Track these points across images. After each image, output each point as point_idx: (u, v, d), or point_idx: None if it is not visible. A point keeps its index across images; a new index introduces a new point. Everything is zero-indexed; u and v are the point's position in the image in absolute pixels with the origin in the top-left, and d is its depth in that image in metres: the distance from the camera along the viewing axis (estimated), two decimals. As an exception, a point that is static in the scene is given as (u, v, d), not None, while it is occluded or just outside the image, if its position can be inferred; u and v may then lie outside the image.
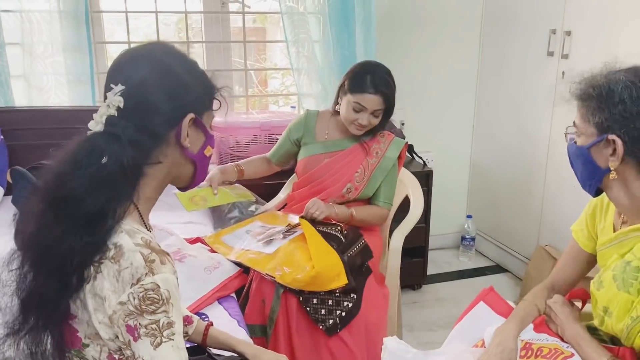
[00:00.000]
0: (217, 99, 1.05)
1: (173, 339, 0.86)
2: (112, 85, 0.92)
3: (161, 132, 0.95)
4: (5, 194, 2.29)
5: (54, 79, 2.45)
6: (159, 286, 0.86)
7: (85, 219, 0.86)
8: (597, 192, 1.26)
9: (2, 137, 2.33)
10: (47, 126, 2.30)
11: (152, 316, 0.85)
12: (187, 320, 1.28)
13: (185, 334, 1.26)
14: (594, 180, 1.23)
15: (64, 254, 0.85)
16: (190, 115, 0.97)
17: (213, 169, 2.07)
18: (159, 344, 0.85)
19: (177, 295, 0.89)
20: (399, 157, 2.07)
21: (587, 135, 1.20)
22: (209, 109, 1.03)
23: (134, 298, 0.84)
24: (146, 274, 0.85)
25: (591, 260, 1.42)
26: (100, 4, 2.61)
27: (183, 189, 1.09)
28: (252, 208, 2.19)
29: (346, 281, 1.70)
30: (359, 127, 1.98)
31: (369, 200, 2.09)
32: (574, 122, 1.26)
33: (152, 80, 0.94)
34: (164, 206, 2.19)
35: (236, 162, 2.18)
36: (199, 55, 2.90)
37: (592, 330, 1.38)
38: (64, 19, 2.36)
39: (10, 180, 2.19)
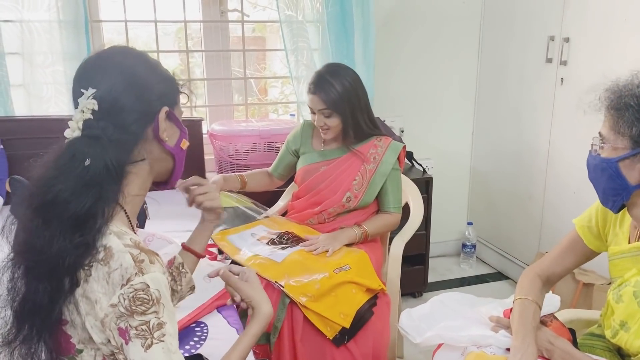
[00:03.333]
0: (184, 92, 1.08)
1: (164, 341, 0.86)
2: (82, 90, 0.93)
3: (139, 129, 0.97)
4: (5, 203, 2.28)
5: (54, 88, 2.45)
6: (148, 286, 0.86)
7: (73, 220, 0.87)
8: (620, 208, 1.22)
9: (1, 146, 2.33)
10: (46, 135, 2.27)
11: (142, 317, 0.85)
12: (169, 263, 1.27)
13: (181, 265, 1.28)
14: (619, 196, 1.17)
15: (55, 256, 0.86)
16: (165, 109, 1.00)
17: (216, 176, 2.08)
18: (150, 346, 0.84)
19: (167, 295, 0.89)
20: (399, 161, 2.05)
21: (617, 148, 1.14)
22: (177, 103, 1.06)
23: (125, 299, 0.84)
24: (136, 274, 0.85)
25: (590, 256, 1.41)
26: (100, 14, 2.62)
27: (163, 184, 1.10)
28: (255, 213, 2.18)
29: (347, 326, 1.71)
30: (320, 129, 2.00)
31: (371, 207, 2.08)
32: (599, 133, 1.19)
33: (121, 81, 0.95)
34: (163, 214, 2.22)
35: (239, 173, 2.17)
36: (198, 65, 2.91)
37: (597, 337, 1.37)
38: (64, 29, 2.37)
39: (9, 190, 2.19)
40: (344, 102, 1.92)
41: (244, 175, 2.15)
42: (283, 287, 1.69)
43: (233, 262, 1.82)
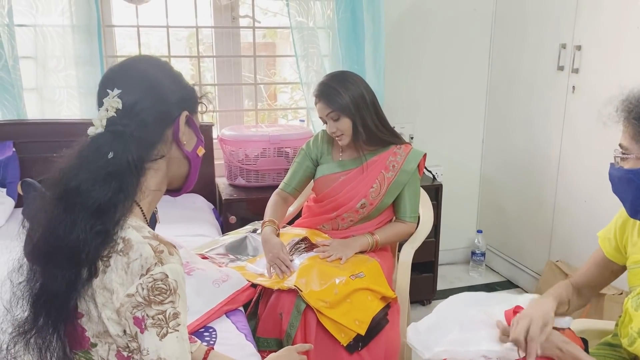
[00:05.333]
0: (203, 103, 1.12)
1: (178, 330, 0.88)
2: (108, 91, 0.97)
3: (159, 130, 1.01)
4: (17, 206, 2.30)
5: (66, 92, 2.48)
6: (167, 276, 0.88)
7: (95, 209, 0.90)
8: None
9: (14, 149, 2.35)
10: (58, 139, 2.28)
11: (160, 306, 0.87)
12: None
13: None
14: None
15: (75, 243, 0.88)
16: (185, 113, 1.05)
17: (270, 254, 1.85)
18: (165, 335, 0.87)
19: (184, 286, 0.91)
20: (419, 168, 2.02)
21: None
22: (196, 112, 1.10)
23: (143, 289, 0.87)
24: (155, 264, 0.88)
25: (616, 270, 1.39)
26: (113, 19, 2.64)
27: (176, 191, 1.12)
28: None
29: (362, 333, 1.70)
30: (334, 136, 1.97)
31: (385, 218, 2.06)
32: (620, 145, 1.19)
33: (145, 84, 1.01)
34: (173, 219, 2.23)
35: (269, 222, 1.98)
36: (209, 70, 2.92)
37: (611, 347, 1.35)
38: (77, 33, 2.39)
39: (20, 192, 2.20)
40: (348, 101, 1.91)
41: (276, 221, 2.00)
42: (301, 291, 1.69)
43: (252, 285, 1.81)
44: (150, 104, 0.99)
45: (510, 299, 1.46)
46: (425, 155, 2.04)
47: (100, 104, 0.99)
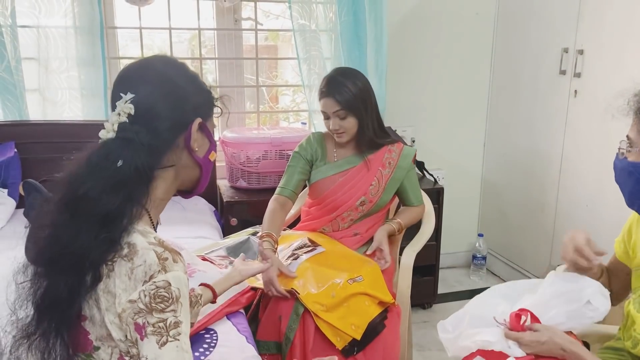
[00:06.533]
0: (218, 106, 1.10)
1: (179, 339, 0.88)
2: (121, 94, 0.95)
3: (171, 137, 0.99)
4: (18, 207, 2.30)
5: (68, 93, 2.48)
6: (170, 284, 0.88)
7: (101, 217, 0.89)
8: None
9: (15, 150, 2.35)
10: (60, 140, 2.32)
11: (161, 314, 0.87)
12: (190, 292, 1.32)
13: (199, 296, 1.35)
14: None
15: (79, 250, 0.87)
16: (199, 120, 1.02)
17: (266, 274, 1.74)
18: (165, 343, 0.86)
19: (186, 294, 0.91)
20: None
21: None
22: (210, 116, 1.08)
23: (145, 296, 0.86)
24: (159, 271, 0.87)
25: (630, 272, 1.39)
26: (115, 20, 2.64)
27: (188, 193, 1.11)
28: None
29: (358, 338, 1.70)
30: (335, 133, 1.96)
31: (386, 208, 2.08)
32: (627, 136, 1.22)
33: (160, 89, 0.98)
34: (174, 220, 2.22)
35: (266, 236, 1.87)
36: (211, 72, 2.93)
37: (614, 351, 1.35)
38: (79, 35, 2.40)
39: (22, 193, 2.21)
40: (358, 101, 1.90)
41: (273, 235, 1.91)
42: (299, 293, 1.69)
43: (253, 288, 1.81)
44: (164, 110, 0.97)
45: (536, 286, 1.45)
46: (415, 152, 2.11)
47: (113, 105, 0.97)
